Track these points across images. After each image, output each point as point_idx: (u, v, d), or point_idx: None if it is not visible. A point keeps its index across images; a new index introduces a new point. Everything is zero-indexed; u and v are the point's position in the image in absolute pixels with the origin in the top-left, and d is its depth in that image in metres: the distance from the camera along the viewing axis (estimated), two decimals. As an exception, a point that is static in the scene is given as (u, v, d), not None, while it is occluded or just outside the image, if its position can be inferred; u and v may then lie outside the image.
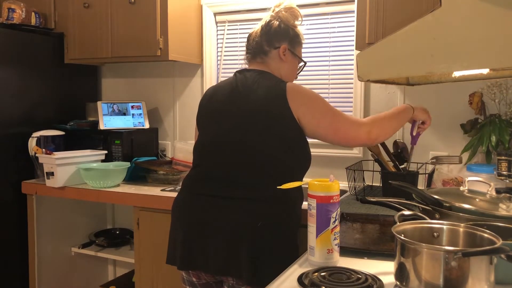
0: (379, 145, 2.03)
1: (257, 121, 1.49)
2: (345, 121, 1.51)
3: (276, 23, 1.63)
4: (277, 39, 1.62)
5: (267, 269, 1.40)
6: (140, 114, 2.71)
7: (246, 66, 1.70)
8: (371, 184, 2.20)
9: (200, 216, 1.49)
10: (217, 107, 1.58)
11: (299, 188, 1.51)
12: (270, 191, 1.45)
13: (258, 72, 1.59)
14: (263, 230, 1.42)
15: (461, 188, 1.32)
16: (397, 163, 1.94)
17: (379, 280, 1.02)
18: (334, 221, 1.16)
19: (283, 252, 1.45)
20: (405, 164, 1.94)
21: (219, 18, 2.71)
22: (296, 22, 1.67)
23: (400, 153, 1.96)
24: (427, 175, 1.91)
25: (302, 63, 1.70)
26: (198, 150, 1.60)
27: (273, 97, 1.49)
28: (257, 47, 1.62)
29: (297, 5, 2.51)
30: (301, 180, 1.48)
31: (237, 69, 1.68)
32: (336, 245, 1.17)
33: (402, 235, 0.95)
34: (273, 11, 1.67)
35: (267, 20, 1.64)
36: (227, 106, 1.55)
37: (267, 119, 1.48)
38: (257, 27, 1.66)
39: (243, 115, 1.51)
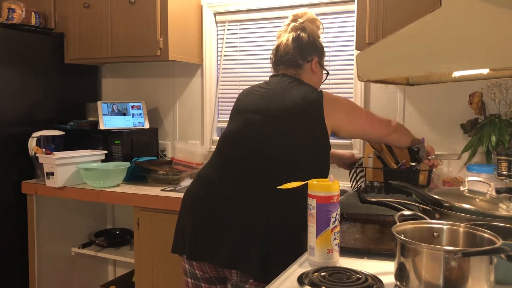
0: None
1: (288, 121, 1.52)
2: (378, 119, 1.71)
3: (305, 36, 1.67)
4: (309, 53, 1.67)
5: (274, 265, 1.40)
6: (140, 114, 2.71)
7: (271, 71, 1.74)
8: (371, 181, 2.20)
9: (213, 209, 1.49)
10: (249, 102, 1.61)
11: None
12: (285, 190, 1.45)
13: (293, 77, 1.64)
14: (275, 227, 1.43)
15: (461, 188, 1.31)
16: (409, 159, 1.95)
17: (379, 280, 1.02)
18: (334, 221, 1.16)
19: (291, 250, 1.45)
20: (416, 163, 1.93)
21: (219, 18, 2.71)
22: (320, 34, 1.73)
23: (418, 151, 1.95)
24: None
25: (325, 73, 1.76)
26: (220, 141, 1.62)
27: (308, 101, 1.53)
28: (291, 60, 1.65)
29: (297, 5, 2.53)
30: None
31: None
32: (336, 245, 1.17)
33: (402, 235, 0.95)
34: (295, 21, 1.70)
35: (296, 33, 1.67)
36: (259, 102, 1.58)
37: (299, 121, 1.51)
38: (283, 39, 1.68)
39: (275, 114, 1.53)
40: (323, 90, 1.60)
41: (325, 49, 2.42)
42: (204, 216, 1.50)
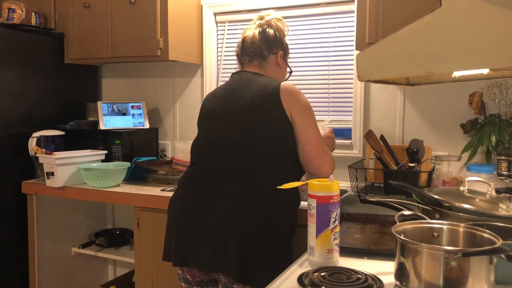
0: (381, 142, 2.04)
1: (249, 118, 1.52)
2: (322, 143, 1.58)
3: (272, 31, 1.71)
4: (275, 46, 1.71)
5: (256, 267, 1.41)
6: (140, 114, 2.71)
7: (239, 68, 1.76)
8: (372, 182, 2.20)
9: (193, 213, 1.51)
10: (213, 106, 1.64)
11: (294, 188, 1.52)
12: (261, 189, 1.47)
13: (253, 73, 1.65)
14: (253, 227, 1.43)
15: (461, 188, 1.32)
16: (408, 160, 1.96)
17: (379, 280, 1.02)
18: (334, 221, 1.16)
19: (273, 251, 1.46)
20: (416, 164, 1.93)
21: (219, 18, 2.71)
22: (286, 33, 1.77)
23: (416, 152, 1.95)
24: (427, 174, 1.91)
25: (289, 71, 1.79)
26: (193, 149, 1.65)
27: (265, 94, 1.54)
28: (256, 51, 1.68)
29: (297, 5, 2.54)
30: (298, 179, 1.48)
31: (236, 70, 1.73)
32: (336, 245, 1.17)
33: (402, 235, 0.95)
34: (261, 19, 1.74)
35: (262, 28, 1.71)
36: (221, 105, 1.60)
37: (259, 115, 1.52)
38: (249, 32, 1.71)
39: (235, 113, 1.55)
40: (281, 81, 1.59)
41: (325, 49, 2.46)
42: (187, 222, 1.52)
